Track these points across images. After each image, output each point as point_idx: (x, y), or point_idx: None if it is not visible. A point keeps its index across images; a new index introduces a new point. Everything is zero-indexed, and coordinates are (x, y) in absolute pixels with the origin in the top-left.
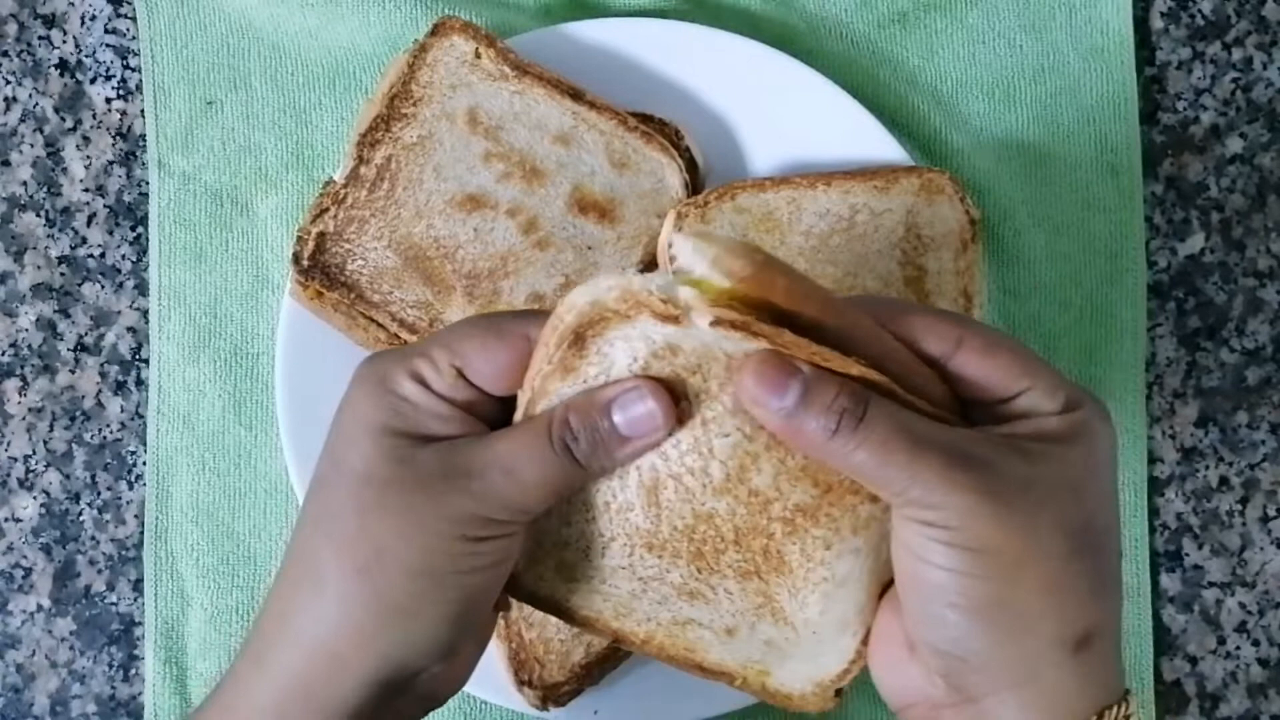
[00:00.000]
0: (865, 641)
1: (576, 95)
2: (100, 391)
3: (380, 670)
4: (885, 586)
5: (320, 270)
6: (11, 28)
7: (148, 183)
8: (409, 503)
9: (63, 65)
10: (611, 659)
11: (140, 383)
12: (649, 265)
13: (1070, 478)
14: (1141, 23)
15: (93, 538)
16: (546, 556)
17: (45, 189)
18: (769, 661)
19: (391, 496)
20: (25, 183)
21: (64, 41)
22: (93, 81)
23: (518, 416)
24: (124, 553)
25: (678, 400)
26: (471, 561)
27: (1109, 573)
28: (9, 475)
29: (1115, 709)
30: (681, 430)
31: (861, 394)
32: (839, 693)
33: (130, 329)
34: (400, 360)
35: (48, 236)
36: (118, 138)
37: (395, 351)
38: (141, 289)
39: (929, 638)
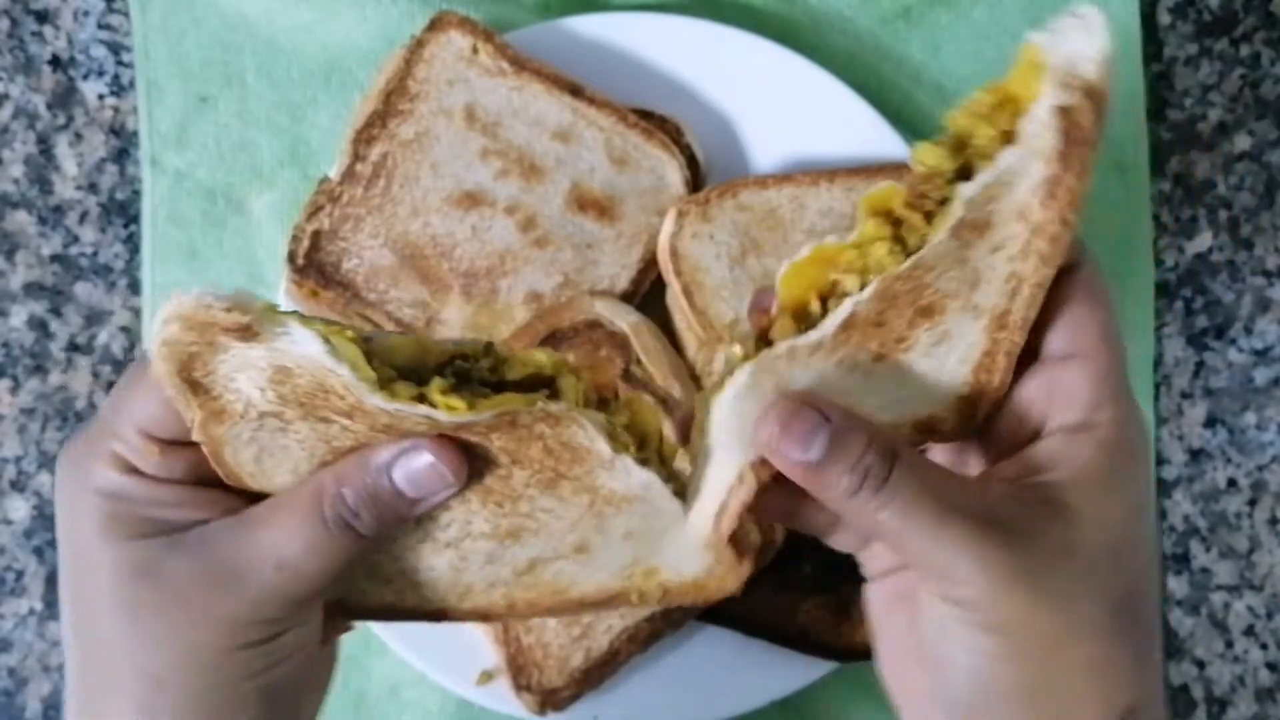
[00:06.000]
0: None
1: (576, 91)
2: (93, 392)
3: None
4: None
5: (316, 269)
6: (3, 23)
7: (141, 180)
8: (171, 624)
9: (55, 61)
10: (610, 664)
11: None
12: (649, 263)
13: (1113, 540)
14: (1149, 18)
15: None
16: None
17: (37, 186)
18: (643, 554)
19: (147, 621)
20: (17, 180)
21: (56, 37)
22: (85, 78)
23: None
24: None
25: (471, 453)
26: (265, 661)
27: (1153, 640)
28: (0, 477)
29: None
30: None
31: (889, 449)
32: (737, 545)
33: (123, 328)
34: (89, 448)
35: (39, 235)
36: (110, 134)
37: (83, 437)
38: (134, 288)
39: (954, 715)
